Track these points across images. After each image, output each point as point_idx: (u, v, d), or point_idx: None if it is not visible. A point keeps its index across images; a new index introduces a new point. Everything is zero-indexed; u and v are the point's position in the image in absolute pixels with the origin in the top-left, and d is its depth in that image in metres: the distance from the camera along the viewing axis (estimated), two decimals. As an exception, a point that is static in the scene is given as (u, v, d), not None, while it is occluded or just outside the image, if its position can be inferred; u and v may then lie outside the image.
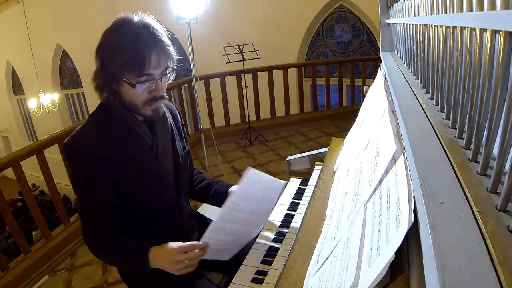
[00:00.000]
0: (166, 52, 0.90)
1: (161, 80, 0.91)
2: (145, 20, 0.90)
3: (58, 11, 7.79)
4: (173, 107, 1.17)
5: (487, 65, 0.45)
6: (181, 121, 1.17)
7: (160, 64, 0.89)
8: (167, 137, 1.05)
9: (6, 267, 2.18)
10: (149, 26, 0.89)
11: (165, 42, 0.90)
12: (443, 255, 0.37)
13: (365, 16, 5.26)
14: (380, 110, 0.94)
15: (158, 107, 0.96)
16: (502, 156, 0.42)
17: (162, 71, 0.90)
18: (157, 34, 0.89)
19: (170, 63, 0.93)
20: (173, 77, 0.98)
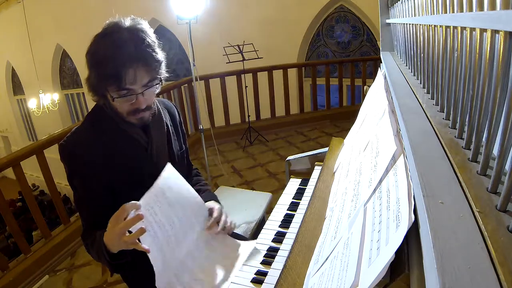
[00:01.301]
0: (148, 66, 0.88)
1: (143, 94, 0.90)
2: (133, 29, 0.88)
3: (58, 11, 7.79)
4: (171, 106, 1.17)
5: (487, 65, 0.45)
6: (180, 120, 1.17)
7: (138, 80, 0.87)
8: (163, 138, 1.05)
9: (6, 267, 2.18)
10: (134, 37, 0.87)
11: (148, 55, 0.88)
12: (443, 255, 0.37)
13: (365, 16, 5.26)
14: (380, 110, 0.94)
15: (143, 117, 0.95)
16: (502, 156, 0.42)
17: (143, 84, 0.89)
18: (140, 47, 0.87)
19: (155, 75, 0.91)
20: (158, 89, 0.95)
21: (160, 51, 0.94)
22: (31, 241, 5.42)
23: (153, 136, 1.01)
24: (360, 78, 4.82)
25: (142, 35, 0.89)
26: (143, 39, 0.88)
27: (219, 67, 4.22)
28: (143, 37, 0.88)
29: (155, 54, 0.90)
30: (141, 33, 0.89)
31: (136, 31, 0.88)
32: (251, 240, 1.06)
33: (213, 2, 5.34)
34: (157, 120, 1.03)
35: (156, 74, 0.91)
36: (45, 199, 7.52)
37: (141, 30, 0.89)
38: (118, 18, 0.90)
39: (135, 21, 0.92)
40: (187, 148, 1.21)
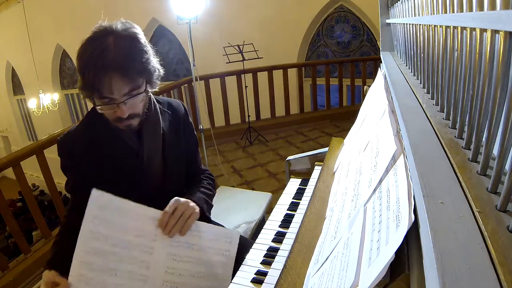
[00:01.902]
0: (126, 76, 0.84)
1: (124, 103, 0.86)
2: (119, 35, 0.85)
3: (58, 11, 7.80)
4: (177, 107, 1.12)
5: (487, 65, 0.45)
6: (186, 121, 1.13)
7: (115, 90, 0.84)
8: (157, 142, 1.02)
9: (6, 267, 2.18)
10: (118, 44, 0.84)
11: (128, 64, 0.84)
12: (443, 255, 0.37)
13: (365, 16, 5.26)
14: (380, 110, 0.94)
15: (130, 124, 0.93)
16: (502, 156, 0.42)
17: (124, 94, 0.85)
18: (122, 55, 0.83)
19: (137, 84, 0.87)
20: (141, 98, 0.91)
21: (152, 58, 0.91)
22: (31, 241, 5.42)
23: (145, 141, 0.99)
24: (360, 78, 4.82)
25: (127, 43, 0.86)
26: (128, 46, 0.85)
27: (219, 67, 4.22)
28: (127, 45, 0.86)
29: (140, 62, 0.86)
30: (128, 40, 0.86)
31: (122, 37, 0.86)
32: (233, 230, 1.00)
33: (213, 2, 5.34)
34: (152, 124, 1.00)
35: (138, 83, 0.87)
36: (45, 199, 7.52)
37: (129, 37, 0.87)
38: (111, 22, 0.88)
39: (126, 26, 0.89)
40: (195, 150, 1.18)
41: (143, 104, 0.94)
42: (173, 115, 1.10)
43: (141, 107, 0.93)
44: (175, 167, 1.08)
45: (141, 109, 0.94)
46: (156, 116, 1.02)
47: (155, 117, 1.02)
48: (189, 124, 1.15)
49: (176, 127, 1.09)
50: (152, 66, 0.91)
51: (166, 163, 1.05)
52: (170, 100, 1.13)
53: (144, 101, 0.93)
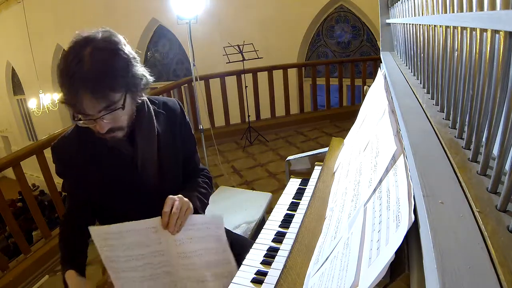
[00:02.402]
0: (99, 94, 0.80)
1: (102, 119, 0.83)
2: (97, 48, 0.81)
3: (58, 11, 7.80)
4: (173, 107, 1.10)
5: (487, 65, 0.45)
6: (181, 122, 1.11)
7: (88, 107, 0.81)
8: (151, 147, 1.00)
9: (6, 267, 2.18)
10: (93, 58, 0.79)
11: (100, 82, 0.80)
12: (443, 255, 0.37)
13: (365, 16, 5.26)
14: (380, 110, 0.94)
15: (114, 137, 0.90)
16: (502, 156, 0.42)
17: (99, 110, 0.82)
18: (95, 72, 0.79)
19: (112, 100, 0.83)
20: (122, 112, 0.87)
21: (136, 68, 0.87)
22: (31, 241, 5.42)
23: (139, 147, 0.97)
24: (360, 78, 4.82)
25: (104, 56, 0.81)
26: (104, 60, 0.81)
27: (219, 67, 4.22)
28: (104, 58, 0.81)
29: (116, 77, 0.82)
30: (105, 53, 0.82)
31: (100, 49, 0.81)
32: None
33: (213, 2, 5.34)
34: (146, 128, 0.98)
35: (113, 99, 0.83)
36: (45, 199, 7.52)
37: (107, 49, 0.82)
38: (92, 31, 0.85)
39: (107, 35, 0.84)
40: (192, 149, 1.16)
41: (128, 116, 0.91)
42: (168, 115, 1.07)
43: (125, 120, 0.90)
44: (171, 169, 1.07)
45: (125, 122, 0.90)
46: (149, 120, 1.00)
47: (148, 121, 0.99)
48: (186, 123, 1.12)
49: (171, 127, 1.07)
50: (134, 77, 0.87)
51: (162, 166, 1.03)
52: (166, 100, 1.11)
53: (128, 113, 0.90)
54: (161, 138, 1.03)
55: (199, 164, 1.22)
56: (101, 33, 0.84)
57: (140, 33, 6.92)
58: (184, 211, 0.92)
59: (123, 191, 1.00)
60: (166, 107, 1.08)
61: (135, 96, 0.90)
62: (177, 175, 1.12)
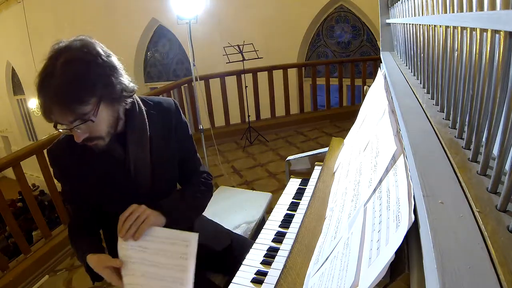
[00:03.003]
0: (67, 107, 0.79)
1: (77, 129, 0.83)
2: (68, 60, 0.80)
3: (58, 11, 7.80)
4: (166, 106, 1.07)
5: (487, 65, 0.45)
6: (176, 119, 1.07)
7: (59, 119, 0.81)
8: (144, 151, 0.99)
9: (6, 267, 2.18)
10: (65, 71, 0.79)
11: (68, 96, 0.79)
12: (443, 255, 0.37)
13: (365, 16, 5.26)
14: (380, 110, 0.94)
15: (96, 145, 0.89)
16: (502, 156, 0.42)
17: (70, 122, 0.81)
18: (64, 86, 0.78)
19: (81, 113, 0.81)
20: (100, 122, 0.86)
21: (114, 77, 0.86)
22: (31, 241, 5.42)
23: (130, 151, 0.96)
24: (360, 78, 4.81)
25: (77, 67, 0.80)
26: (75, 72, 0.80)
27: (219, 67, 4.22)
28: (75, 70, 0.80)
29: (87, 90, 0.81)
30: (78, 63, 0.81)
31: (73, 60, 0.80)
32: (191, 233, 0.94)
33: (213, 2, 5.34)
34: (137, 131, 0.97)
35: (84, 111, 0.81)
36: (45, 199, 7.52)
37: (81, 60, 0.81)
38: (69, 40, 0.84)
39: (83, 44, 0.83)
40: (189, 148, 1.13)
41: (106, 125, 0.89)
42: (162, 116, 1.05)
43: (102, 130, 0.88)
44: (165, 172, 1.05)
45: (103, 132, 0.88)
46: (141, 123, 0.98)
47: (140, 124, 0.98)
48: (182, 124, 1.09)
49: (166, 129, 1.05)
50: (109, 86, 0.85)
51: (155, 169, 1.02)
52: (162, 100, 1.08)
53: (106, 123, 0.88)
54: (154, 141, 1.01)
55: (199, 166, 1.18)
56: (77, 42, 0.84)
57: (140, 33, 6.92)
58: (141, 221, 0.91)
59: (117, 194, 1.00)
60: (160, 108, 1.05)
61: (113, 105, 0.88)
62: (172, 178, 1.10)
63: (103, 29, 6.82)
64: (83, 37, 0.86)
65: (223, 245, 1.18)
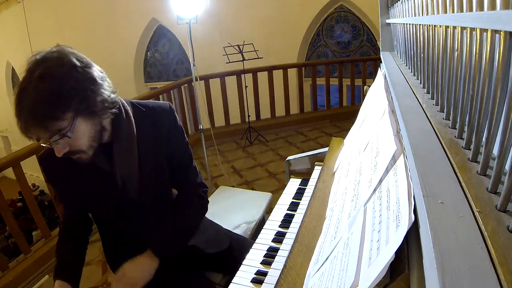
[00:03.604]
0: (44, 125, 0.77)
1: (56, 143, 0.81)
2: (43, 74, 0.77)
3: (58, 11, 7.80)
4: (160, 112, 1.02)
5: (487, 65, 0.45)
6: (170, 125, 1.02)
7: (34, 135, 0.79)
8: (131, 161, 0.95)
9: (6, 267, 2.17)
10: (39, 86, 0.76)
11: (44, 114, 0.76)
12: (443, 255, 0.37)
13: (365, 16, 5.26)
14: (380, 110, 0.94)
15: (80, 158, 0.87)
16: (502, 156, 0.42)
17: (48, 137, 0.79)
18: (40, 104, 0.76)
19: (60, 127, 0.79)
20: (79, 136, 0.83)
21: (92, 91, 0.82)
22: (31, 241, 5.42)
23: (116, 164, 0.93)
24: (360, 78, 4.81)
25: (52, 80, 0.77)
26: (47, 88, 0.76)
27: (219, 67, 4.22)
28: (51, 84, 0.77)
29: (59, 106, 0.77)
30: (53, 77, 0.77)
31: (48, 74, 0.77)
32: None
33: (213, 2, 5.34)
34: (124, 142, 0.93)
35: (59, 127, 0.78)
36: (45, 199, 7.52)
37: (54, 76, 0.77)
38: (46, 50, 0.81)
39: (57, 58, 0.79)
40: (182, 156, 1.07)
41: (87, 139, 0.85)
42: (154, 122, 1.00)
43: (83, 144, 0.85)
44: (154, 184, 1.02)
45: (85, 145, 0.85)
46: (129, 132, 0.94)
47: (128, 134, 0.94)
48: (176, 130, 1.04)
49: (157, 136, 1.00)
50: (87, 99, 0.81)
51: (144, 181, 0.98)
52: (155, 105, 1.03)
53: (87, 136, 0.85)
54: (143, 151, 0.97)
55: (195, 177, 1.12)
56: (54, 53, 0.80)
57: (140, 33, 6.91)
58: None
59: (106, 204, 1.00)
60: (153, 114, 1.01)
61: (92, 118, 0.85)
62: (162, 188, 1.07)
63: (103, 29, 6.82)
64: (60, 48, 0.82)
65: (222, 247, 1.17)
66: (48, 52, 0.81)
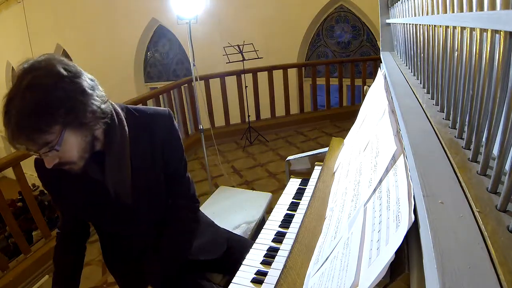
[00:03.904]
0: (31, 138, 0.75)
1: (45, 155, 0.78)
2: (30, 85, 0.74)
3: (58, 11, 7.79)
4: (156, 122, 0.98)
5: (487, 65, 0.45)
6: (164, 140, 0.98)
7: (22, 147, 0.76)
8: (123, 172, 0.92)
9: (6, 267, 2.17)
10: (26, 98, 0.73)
11: (30, 127, 0.74)
12: (443, 255, 0.37)
13: (365, 16, 5.26)
14: (380, 110, 0.94)
15: (71, 169, 0.85)
16: (502, 156, 0.42)
17: (37, 149, 0.77)
18: (26, 117, 0.73)
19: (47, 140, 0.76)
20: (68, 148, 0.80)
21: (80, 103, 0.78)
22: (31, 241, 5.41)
23: (107, 174, 0.91)
24: (360, 78, 4.81)
25: (37, 95, 0.73)
26: (35, 100, 0.73)
27: (219, 67, 4.22)
28: (35, 99, 0.73)
29: (46, 118, 0.74)
30: (37, 91, 0.74)
31: (35, 85, 0.74)
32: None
33: (213, 2, 5.34)
34: (116, 153, 0.90)
35: (46, 140, 0.76)
36: (45, 199, 7.51)
37: (41, 87, 0.74)
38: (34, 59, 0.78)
39: (45, 67, 0.76)
40: (175, 170, 1.03)
41: (77, 150, 0.82)
42: (150, 130, 0.97)
43: (73, 155, 0.82)
44: (148, 193, 1.00)
45: (75, 156, 0.83)
46: (122, 142, 0.91)
47: (120, 144, 0.90)
48: (172, 138, 1.00)
49: (153, 144, 0.97)
50: (74, 110, 0.78)
51: (137, 191, 0.96)
52: (153, 112, 0.99)
53: (77, 148, 0.82)
54: (137, 160, 0.94)
55: (188, 190, 1.08)
56: (41, 63, 0.77)
57: (140, 33, 6.91)
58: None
59: (100, 210, 1.00)
60: (149, 122, 0.98)
61: (82, 129, 0.81)
62: (156, 198, 1.04)
63: (103, 29, 6.82)
64: (48, 57, 0.79)
65: (216, 254, 1.16)
66: (35, 61, 0.77)
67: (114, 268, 1.16)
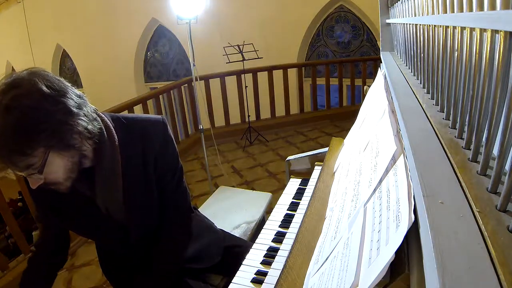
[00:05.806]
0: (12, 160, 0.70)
1: (30, 176, 0.75)
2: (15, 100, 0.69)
3: (58, 11, 7.79)
4: (148, 133, 0.93)
5: (487, 65, 0.45)
6: (158, 151, 0.93)
7: (7, 166, 0.72)
8: (113, 188, 0.89)
9: (6, 267, 2.17)
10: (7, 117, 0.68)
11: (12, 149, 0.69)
12: (443, 255, 0.37)
13: (365, 16, 5.26)
14: (380, 110, 0.94)
15: (57, 189, 0.81)
16: (502, 156, 0.42)
17: (20, 170, 0.72)
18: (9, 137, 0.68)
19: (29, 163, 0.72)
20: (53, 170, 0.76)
21: (57, 126, 0.72)
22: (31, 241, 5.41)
23: (97, 192, 0.87)
24: (360, 78, 4.82)
25: (18, 116, 0.68)
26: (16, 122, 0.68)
27: (219, 67, 4.22)
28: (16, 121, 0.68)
29: (28, 141, 0.70)
30: (18, 112, 0.68)
31: (12, 110, 0.68)
32: None
33: (213, 2, 5.34)
34: (106, 170, 0.86)
35: (29, 162, 0.71)
36: (45, 199, 7.51)
37: (21, 108, 0.68)
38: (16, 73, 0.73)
39: (27, 84, 0.70)
40: (168, 182, 0.98)
41: (63, 172, 0.78)
42: (142, 140, 0.92)
43: (59, 177, 0.78)
44: (140, 208, 0.97)
45: (61, 177, 0.79)
46: (112, 158, 0.86)
47: (110, 160, 0.86)
48: (167, 150, 0.96)
49: (145, 155, 0.92)
50: (61, 132, 0.73)
51: (129, 203, 0.93)
52: (145, 123, 0.94)
53: (62, 169, 0.78)
54: (128, 180, 0.91)
55: (184, 201, 1.05)
56: (25, 80, 0.71)
57: (140, 33, 6.91)
58: None
59: (90, 226, 0.98)
60: (142, 132, 0.93)
61: (67, 151, 0.77)
62: (149, 212, 1.00)
63: (103, 29, 6.82)
64: (31, 72, 0.73)
65: (211, 262, 1.14)
66: (17, 76, 0.72)
67: (109, 275, 1.16)
